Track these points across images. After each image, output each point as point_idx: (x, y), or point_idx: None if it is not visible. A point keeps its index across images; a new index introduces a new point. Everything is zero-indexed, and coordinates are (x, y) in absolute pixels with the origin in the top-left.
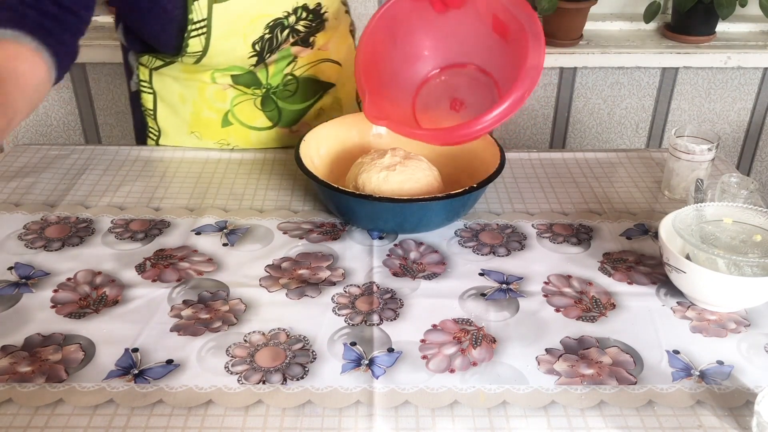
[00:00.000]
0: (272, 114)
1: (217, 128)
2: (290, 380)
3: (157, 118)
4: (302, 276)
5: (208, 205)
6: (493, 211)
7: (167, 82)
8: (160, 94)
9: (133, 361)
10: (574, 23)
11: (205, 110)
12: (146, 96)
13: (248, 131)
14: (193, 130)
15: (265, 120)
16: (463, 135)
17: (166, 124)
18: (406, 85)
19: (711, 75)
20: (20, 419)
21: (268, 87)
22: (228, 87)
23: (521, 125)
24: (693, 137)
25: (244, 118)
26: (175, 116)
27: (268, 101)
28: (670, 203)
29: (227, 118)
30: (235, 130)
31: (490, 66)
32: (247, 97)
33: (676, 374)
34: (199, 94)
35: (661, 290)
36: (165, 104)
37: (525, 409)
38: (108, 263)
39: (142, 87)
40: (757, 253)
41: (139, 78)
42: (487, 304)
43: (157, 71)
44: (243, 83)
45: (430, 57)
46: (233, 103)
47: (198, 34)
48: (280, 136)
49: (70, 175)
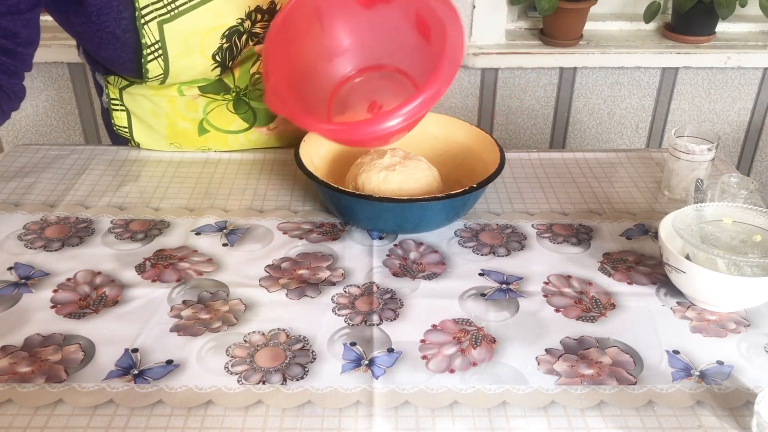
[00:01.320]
0: (246, 115)
1: (195, 137)
2: (290, 380)
3: (133, 134)
4: (302, 276)
5: (208, 205)
6: (493, 211)
7: (138, 99)
8: (133, 110)
9: (133, 361)
10: (574, 23)
11: (179, 122)
12: (118, 114)
13: (226, 136)
14: (171, 142)
15: (241, 122)
16: (366, 133)
17: (143, 139)
18: (322, 81)
19: (711, 75)
20: (20, 419)
21: (238, 90)
22: (198, 96)
23: (521, 125)
24: (693, 137)
25: (219, 124)
26: (151, 130)
27: (240, 104)
28: (670, 203)
29: (203, 126)
30: (213, 136)
31: (413, 69)
32: (219, 102)
33: (676, 374)
34: (170, 106)
35: (661, 290)
36: (139, 120)
37: (525, 410)
38: (108, 263)
39: (113, 105)
40: (757, 253)
41: (109, 96)
42: (487, 304)
43: (125, 90)
44: (211, 91)
45: (351, 54)
46: (206, 111)
47: (155, 57)
48: (259, 136)
49: (70, 175)
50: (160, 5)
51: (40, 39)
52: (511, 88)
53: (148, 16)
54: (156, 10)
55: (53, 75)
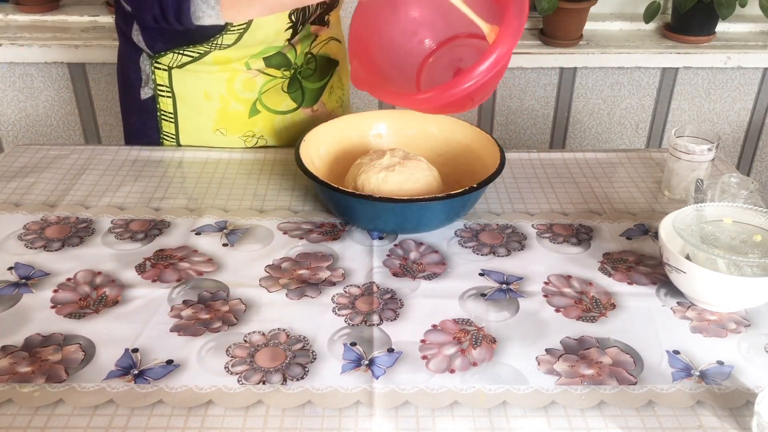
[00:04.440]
0: (296, 95)
1: (244, 120)
2: (290, 380)
3: (179, 121)
4: (302, 276)
5: (208, 205)
6: (493, 211)
7: (190, 82)
8: (181, 95)
9: (133, 361)
10: (574, 23)
11: (232, 103)
12: (164, 100)
13: (274, 116)
14: (218, 128)
15: (290, 102)
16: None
17: (188, 126)
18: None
19: (711, 75)
20: (20, 419)
21: (296, 67)
22: (258, 74)
23: (521, 125)
24: (693, 137)
25: (271, 104)
26: (197, 116)
27: (293, 82)
28: (670, 203)
29: (255, 107)
30: (261, 118)
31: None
32: (276, 81)
33: (677, 374)
34: (227, 86)
35: (661, 290)
36: (186, 106)
37: (525, 410)
38: (108, 263)
39: (159, 92)
40: (757, 253)
41: (155, 83)
42: (487, 305)
43: (182, 69)
44: (275, 65)
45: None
46: (261, 91)
47: None
48: (303, 117)
49: (70, 175)
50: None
51: (40, 39)
52: (511, 88)
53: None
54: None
55: (53, 75)
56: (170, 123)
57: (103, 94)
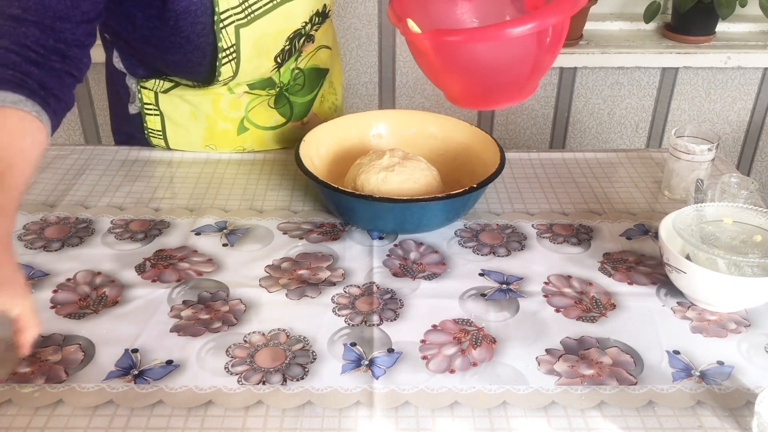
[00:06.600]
0: (284, 110)
1: (233, 137)
2: (290, 381)
3: (167, 138)
4: (302, 276)
5: (208, 205)
6: (493, 211)
7: (176, 103)
8: (168, 114)
9: (133, 361)
10: (574, 23)
11: (219, 122)
12: (151, 118)
13: (263, 133)
14: (207, 144)
15: (279, 117)
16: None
17: (176, 142)
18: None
19: (711, 75)
20: (20, 420)
21: (282, 85)
22: (242, 94)
23: (521, 125)
24: (693, 137)
25: (259, 121)
26: (186, 134)
27: (280, 98)
28: (670, 203)
29: (243, 125)
30: (250, 135)
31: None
32: (262, 99)
33: (677, 374)
34: (213, 107)
35: (661, 290)
36: (173, 123)
37: (525, 410)
38: (108, 263)
39: (146, 110)
40: (757, 253)
41: (142, 102)
42: (487, 305)
43: (166, 93)
44: (259, 87)
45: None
46: (248, 109)
47: (228, 60)
48: (293, 130)
49: (69, 175)
50: (238, 10)
51: None
52: None
53: (227, 20)
54: (235, 14)
55: None
56: (159, 140)
57: (103, 94)
